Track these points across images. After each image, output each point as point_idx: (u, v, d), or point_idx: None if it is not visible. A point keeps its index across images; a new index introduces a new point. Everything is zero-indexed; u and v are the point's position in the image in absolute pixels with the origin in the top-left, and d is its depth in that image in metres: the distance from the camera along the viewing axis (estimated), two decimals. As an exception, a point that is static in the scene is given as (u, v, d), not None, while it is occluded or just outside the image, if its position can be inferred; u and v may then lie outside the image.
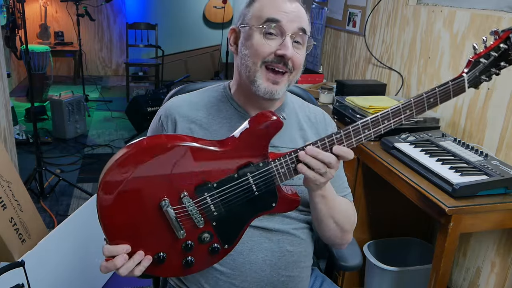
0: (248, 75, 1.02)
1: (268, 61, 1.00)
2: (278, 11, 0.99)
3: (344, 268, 1.28)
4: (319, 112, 1.22)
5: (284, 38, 0.99)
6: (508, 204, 1.41)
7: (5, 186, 1.90)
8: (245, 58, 1.02)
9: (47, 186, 2.99)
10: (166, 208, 0.88)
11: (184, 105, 1.12)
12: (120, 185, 0.86)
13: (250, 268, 1.05)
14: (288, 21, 0.99)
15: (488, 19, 1.78)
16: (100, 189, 0.86)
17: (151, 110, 4.04)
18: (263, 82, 1.01)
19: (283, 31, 0.99)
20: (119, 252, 0.88)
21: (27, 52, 2.64)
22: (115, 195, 0.86)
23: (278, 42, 0.99)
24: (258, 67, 1.00)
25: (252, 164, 0.91)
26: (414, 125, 1.89)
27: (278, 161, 0.91)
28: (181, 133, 1.09)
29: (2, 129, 2.38)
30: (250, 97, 1.07)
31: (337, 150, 0.91)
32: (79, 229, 1.97)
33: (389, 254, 2.02)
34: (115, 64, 6.70)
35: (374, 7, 2.64)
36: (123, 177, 0.86)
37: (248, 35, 1.02)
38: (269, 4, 1.01)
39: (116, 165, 0.86)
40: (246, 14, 1.05)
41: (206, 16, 6.53)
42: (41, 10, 6.02)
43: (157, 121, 1.13)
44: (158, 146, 0.88)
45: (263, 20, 1.00)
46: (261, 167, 0.91)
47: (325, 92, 2.49)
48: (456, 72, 1.97)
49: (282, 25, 0.99)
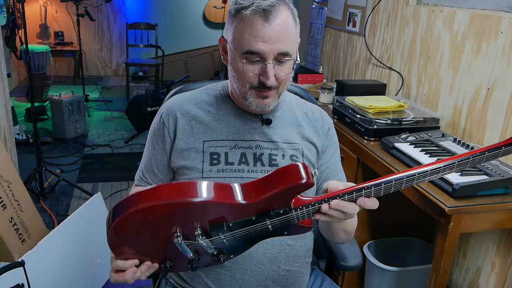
0: (239, 92, 1.05)
1: (255, 86, 1.02)
2: (257, 41, 0.96)
3: (344, 268, 1.28)
4: (316, 109, 1.23)
5: (265, 66, 0.98)
6: (508, 204, 1.41)
7: (5, 186, 1.90)
8: (234, 79, 1.05)
9: (47, 186, 2.99)
10: (179, 243, 0.85)
11: (184, 103, 1.14)
12: (132, 228, 0.83)
13: (250, 261, 1.06)
14: (267, 51, 0.97)
15: (488, 19, 1.78)
16: (112, 230, 0.82)
17: (151, 110, 4.04)
18: (253, 99, 1.04)
19: (264, 58, 0.98)
20: (127, 267, 0.89)
21: (27, 52, 2.64)
22: (126, 232, 0.83)
23: (258, 67, 0.99)
24: (247, 89, 1.03)
25: (272, 211, 0.86)
26: (414, 125, 1.89)
27: (300, 210, 0.87)
28: (182, 129, 1.10)
29: (2, 129, 2.38)
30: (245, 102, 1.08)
31: (362, 202, 0.85)
32: (79, 229, 1.97)
33: (389, 254, 2.02)
34: (115, 64, 6.70)
35: (374, 7, 2.64)
36: (134, 226, 0.83)
37: (232, 58, 1.03)
38: (248, 32, 0.97)
39: (127, 216, 0.80)
40: (229, 30, 1.03)
41: (206, 16, 6.53)
42: (41, 10, 6.02)
43: (158, 119, 1.14)
44: (175, 205, 0.81)
45: (243, 51, 0.98)
46: (281, 214, 0.87)
47: (325, 92, 2.49)
48: (456, 72, 1.97)
49: (262, 55, 0.98)
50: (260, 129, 1.12)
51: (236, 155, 1.09)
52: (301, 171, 0.82)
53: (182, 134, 1.10)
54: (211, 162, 1.08)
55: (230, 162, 1.08)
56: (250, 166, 1.09)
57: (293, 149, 1.13)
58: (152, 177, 1.16)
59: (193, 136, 1.10)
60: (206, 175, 1.07)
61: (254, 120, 1.12)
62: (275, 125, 1.13)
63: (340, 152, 1.25)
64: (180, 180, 1.11)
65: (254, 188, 0.85)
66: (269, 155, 1.10)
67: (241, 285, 1.07)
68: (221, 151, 1.09)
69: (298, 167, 0.83)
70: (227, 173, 1.07)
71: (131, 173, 1.26)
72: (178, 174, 1.12)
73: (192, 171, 1.08)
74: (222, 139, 1.10)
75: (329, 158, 1.19)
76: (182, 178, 1.10)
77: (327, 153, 1.19)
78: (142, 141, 4.07)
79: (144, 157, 1.19)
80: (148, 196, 0.81)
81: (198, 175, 1.07)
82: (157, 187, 0.84)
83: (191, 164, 1.08)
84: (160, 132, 1.13)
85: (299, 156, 1.13)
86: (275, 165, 1.10)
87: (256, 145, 1.11)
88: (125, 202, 0.82)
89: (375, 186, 0.84)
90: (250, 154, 1.10)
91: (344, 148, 1.96)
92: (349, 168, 1.93)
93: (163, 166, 1.14)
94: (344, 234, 1.11)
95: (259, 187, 0.84)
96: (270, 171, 1.07)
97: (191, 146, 1.09)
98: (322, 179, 1.18)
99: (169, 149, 1.12)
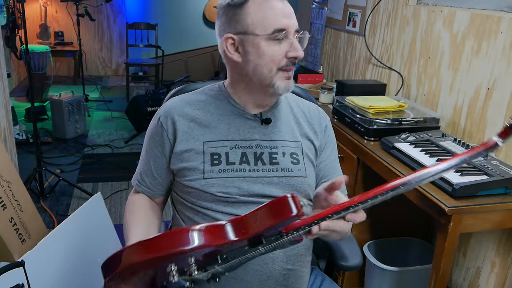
0: (264, 81, 1.06)
1: (283, 66, 1.05)
2: (281, 18, 1.03)
3: (344, 268, 1.28)
4: (312, 107, 1.24)
5: (291, 40, 1.04)
6: (508, 204, 1.41)
7: (5, 186, 1.90)
8: (259, 67, 1.05)
9: (47, 186, 2.99)
10: (175, 282, 0.84)
11: (182, 105, 1.14)
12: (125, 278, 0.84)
13: (252, 261, 1.05)
14: (291, 25, 1.04)
15: (488, 19, 1.78)
16: (108, 279, 0.83)
17: (151, 110, 4.04)
18: (281, 82, 1.06)
19: (287, 35, 1.04)
20: None
21: (27, 52, 2.64)
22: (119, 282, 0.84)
23: (285, 45, 1.04)
24: (274, 73, 1.05)
25: (265, 239, 0.87)
26: (414, 125, 1.89)
27: (291, 234, 0.88)
28: (181, 132, 1.10)
29: (2, 129, 2.38)
30: (255, 96, 1.11)
31: (351, 218, 0.89)
32: (79, 229, 1.97)
33: (389, 254, 2.02)
34: (115, 64, 6.70)
35: (374, 7, 2.64)
36: (127, 277, 0.84)
37: (255, 44, 1.04)
38: (270, 12, 1.03)
39: (128, 266, 0.81)
40: (238, 22, 1.04)
41: (206, 16, 6.53)
42: (41, 10, 6.02)
43: (156, 122, 1.14)
44: (168, 255, 0.81)
45: (271, 30, 1.02)
46: (274, 240, 0.88)
47: (325, 92, 2.49)
48: (456, 72, 1.97)
49: (287, 30, 1.03)
50: (259, 128, 1.12)
51: (237, 155, 1.09)
52: (291, 205, 0.82)
53: (181, 136, 1.10)
54: (212, 163, 1.08)
55: (231, 162, 1.08)
56: (251, 166, 1.09)
57: (293, 147, 1.14)
58: (151, 180, 1.16)
59: (192, 137, 1.10)
60: (208, 176, 1.07)
61: (253, 119, 1.13)
62: (274, 123, 1.14)
63: (339, 152, 1.25)
64: (181, 182, 1.10)
65: (245, 225, 0.85)
66: (269, 153, 1.11)
67: (242, 285, 1.07)
68: (222, 151, 1.09)
69: (288, 201, 0.83)
70: (228, 173, 1.07)
71: (131, 173, 1.25)
72: (178, 176, 1.12)
73: (193, 172, 1.08)
74: (222, 139, 1.10)
75: (327, 156, 1.20)
76: (182, 180, 1.10)
77: (325, 151, 1.20)
78: (142, 141, 4.02)
79: (142, 160, 1.18)
80: (139, 251, 0.81)
81: (199, 176, 1.07)
82: (150, 240, 0.82)
83: (192, 166, 1.08)
84: (159, 135, 1.13)
85: (299, 153, 1.14)
86: (276, 163, 1.10)
87: (256, 144, 1.11)
88: (114, 259, 0.82)
89: (362, 203, 0.86)
90: (251, 153, 1.10)
91: (344, 148, 1.96)
92: (349, 168, 1.93)
93: (163, 169, 1.14)
94: (337, 236, 1.09)
95: (251, 224, 0.85)
96: (271, 169, 1.08)
97: (191, 147, 1.09)
98: (320, 177, 1.18)
99: (168, 151, 1.12)
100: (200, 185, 1.07)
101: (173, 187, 1.18)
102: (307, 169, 1.14)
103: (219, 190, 1.06)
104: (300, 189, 1.11)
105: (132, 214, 1.14)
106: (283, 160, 1.11)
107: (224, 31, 1.08)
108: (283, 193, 1.08)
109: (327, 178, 1.19)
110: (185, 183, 1.09)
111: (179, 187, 1.13)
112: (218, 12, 1.11)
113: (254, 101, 1.12)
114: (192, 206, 1.10)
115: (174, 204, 1.19)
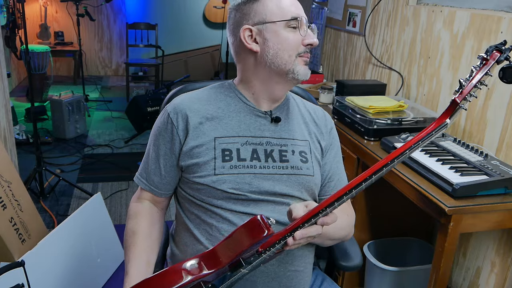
0: (284, 66, 1.10)
1: (300, 52, 1.10)
2: (295, 8, 1.10)
3: (344, 268, 1.28)
4: (318, 109, 1.26)
5: (305, 29, 1.10)
6: (508, 204, 1.41)
7: (5, 186, 1.90)
8: (280, 52, 1.09)
9: (47, 186, 2.99)
10: None
11: (193, 101, 1.14)
12: None
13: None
14: (303, 16, 1.10)
15: (488, 19, 1.78)
16: None
17: (151, 110, 4.03)
18: (301, 67, 1.11)
19: (301, 24, 1.10)
20: None
21: (27, 52, 2.64)
22: None
23: (300, 33, 1.09)
24: (294, 59, 1.10)
25: (244, 262, 0.92)
26: (414, 125, 1.89)
27: (268, 251, 0.92)
28: (193, 127, 1.09)
29: (2, 129, 2.38)
30: (272, 87, 1.13)
31: (322, 222, 0.93)
32: (79, 229, 1.97)
33: (389, 254, 2.02)
34: (115, 64, 6.70)
35: (374, 7, 2.64)
36: None
37: (274, 31, 1.08)
38: (285, 2, 1.10)
39: None
40: (259, 12, 1.08)
41: (206, 16, 6.53)
42: (41, 10, 6.02)
43: (165, 119, 1.12)
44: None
45: (288, 17, 1.08)
46: (252, 261, 0.92)
47: (325, 92, 2.49)
48: (456, 72, 1.97)
49: (301, 20, 1.10)
50: (269, 125, 1.13)
51: (248, 151, 1.09)
52: (262, 225, 0.87)
53: (193, 132, 1.09)
54: (224, 159, 1.07)
55: (242, 158, 1.08)
56: (262, 162, 1.09)
57: (302, 146, 1.15)
58: (160, 179, 1.14)
59: (203, 133, 1.09)
60: (219, 172, 1.06)
61: (264, 117, 1.13)
62: (284, 122, 1.15)
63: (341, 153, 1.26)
64: (190, 179, 1.09)
65: (221, 253, 0.89)
66: (279, 151, 1.11)
67: (245, 285, 1.06)
68: (233, 147, 1.09)
69: (257, 222, 0.87)
70: (239, 169, 1.07)
71: (131, 173, 1.24)
72: (187, 173, 1.10)
73: (204, 168, 1.07)
74: (233, 135, 1.10)
75: (332, 158, 1.21)
76: (192, 176, 1.08)
77: (330, 152, 1.21)
78: (142, 141, 4.07)
79: (149, 159, 1.15)
80: None
81: (210, 172, 1.06)
82: (142, 283, 0.86)
83: (202, 161, 1.07)
84: (168, 132, 1.11)
85: (308, 152, 1.15)
86: (286, 161, 1.11)
87: (266, 141, 1.11)
88: None
89: (329, 206, 0.91)
90: (261, 150, 1.10)
91: (344, 148, 1.96)
92: (349, 168, 1.93)
93: (172, 166, 1.13)
94: (332, 242, 1.14)
95: (225, 252, 0.89)
96: (281, 167, 1.10)
97: (202, 143, 1.08)
98: (325, 177, 1.20)
99: (178, 148, 1.11)
100: (212, 181, 1.06)
101: (180, 185, 1.16)
102: (315, 168, 1.15)
103: (230, 186, 1.06)
104: (308, 187, 1.12)
105: (132, 246, 1.11)
106: (293, 158, 1.11)
107: (240, 25, 1.10)
108: (292, 191, 1.10)
109: (331, 179, 1.20)
110: (194, 180, 1.08)
111: (187, 184, 1.12)
112: (231, 13, 1.13)
113: (268, 94, 1.13)
114: (201, 204, 1.09)
115: (180, 203, 1.17)
